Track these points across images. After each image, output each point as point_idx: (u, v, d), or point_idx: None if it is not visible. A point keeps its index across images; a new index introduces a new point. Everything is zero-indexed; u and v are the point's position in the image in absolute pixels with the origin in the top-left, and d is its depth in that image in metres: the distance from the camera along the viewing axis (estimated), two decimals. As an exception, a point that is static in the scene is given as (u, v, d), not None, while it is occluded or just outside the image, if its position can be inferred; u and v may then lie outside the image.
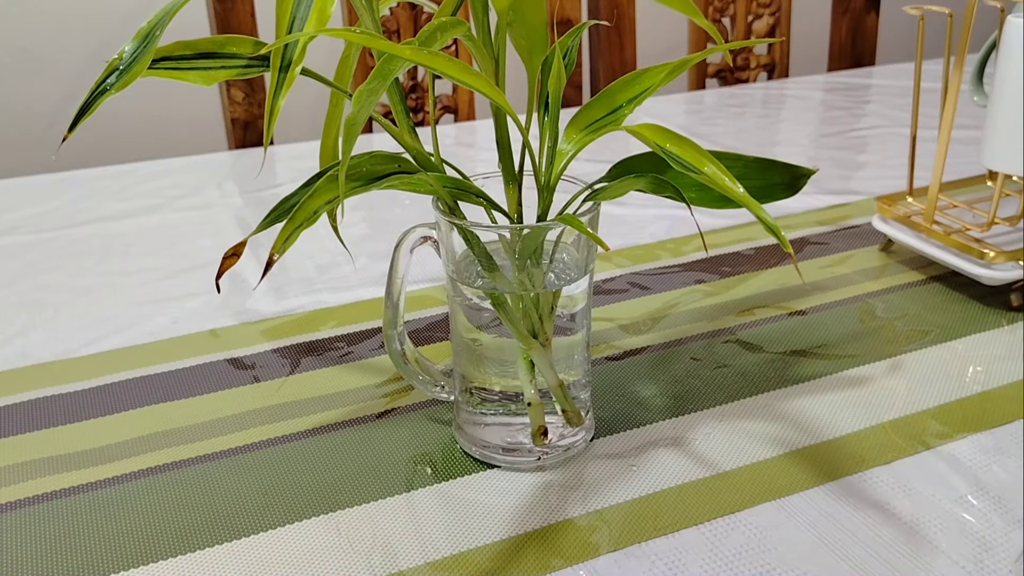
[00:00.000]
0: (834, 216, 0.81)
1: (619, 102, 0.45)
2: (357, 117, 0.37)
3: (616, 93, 0.45)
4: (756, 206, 0.39)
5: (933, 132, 0.88)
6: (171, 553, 0.46)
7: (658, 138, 0.40)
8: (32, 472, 0.52)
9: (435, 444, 0.53)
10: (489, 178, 0.49)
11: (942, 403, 0.56)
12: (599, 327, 0.65)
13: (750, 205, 0.39)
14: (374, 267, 0.74)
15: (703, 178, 0.39)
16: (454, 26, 0.41)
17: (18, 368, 0.62)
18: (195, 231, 0.82)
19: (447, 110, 1.20)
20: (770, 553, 0.45)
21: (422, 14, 1.16)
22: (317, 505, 0.49)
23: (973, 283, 0.67)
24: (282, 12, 0.40)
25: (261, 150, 1.03)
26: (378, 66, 0.38)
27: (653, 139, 0.40)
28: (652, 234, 0.79)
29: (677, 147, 0.40)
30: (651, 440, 0.53)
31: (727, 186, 0.39)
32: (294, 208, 0.41)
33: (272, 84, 0.39)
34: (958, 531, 0.46)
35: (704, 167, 0.39)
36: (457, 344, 0.51)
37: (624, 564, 0.45)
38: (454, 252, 0.49)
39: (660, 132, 0.41)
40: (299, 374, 0.60)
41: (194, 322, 0.67)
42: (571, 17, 1.17)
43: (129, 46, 0.40)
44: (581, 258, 0.49)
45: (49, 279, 0.74)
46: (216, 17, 1.06)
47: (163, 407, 0.57)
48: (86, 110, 0.40)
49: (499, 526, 0.47)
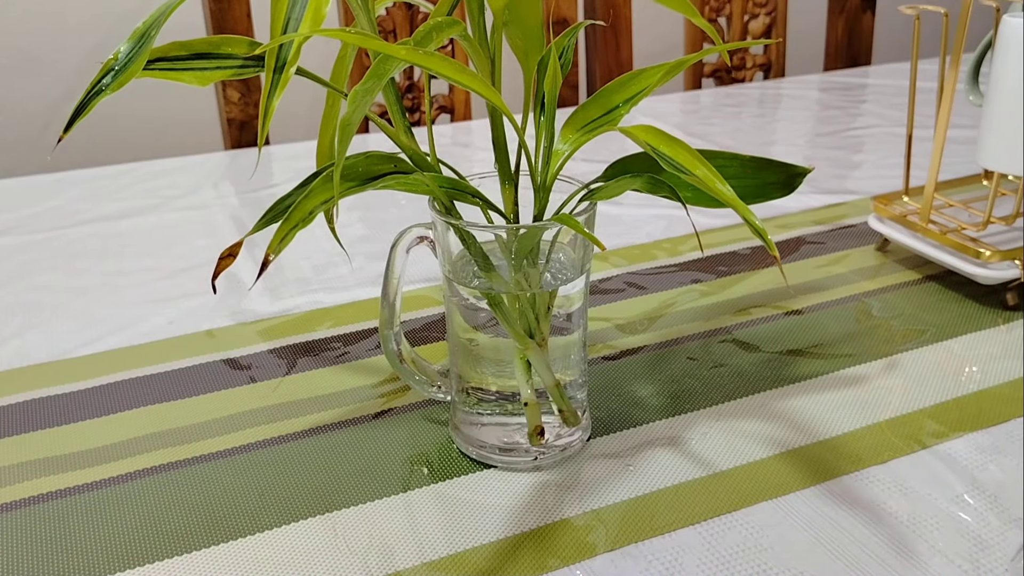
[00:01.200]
0: (830, 215, 0.81)
1: (615, 102, 0.45)
2: (352, 118, 0.37)
3: (612, 93, 0.45)
4: (744, 208, 0.39)
5: (929, 131, 0.88)
6: (167, 554, 0.46)
7: (651, 139, 0.40)
8: (29, 473, 0.52)
9: (432, 444, 0.53)
10: (485, 178, 0.49)
11: (938, 402, 0.56)
12: (596, 327, 0.65)
13: (738, 207, 0.39)
14: (370, 267, 0.74)
15: (694, 180, 0.39)
16: (450, 26, 0.41)
17: (14, 368, 0.62)
18: (191, 231, 0.82)
19: (443, 110, 1.20)
20: (767, 552, 0.45)
21: (418, 14, 1.15)
22: (314, 505, 0.49)
23: (969, 282, 0.67)
24: (277, 12, 0.40)
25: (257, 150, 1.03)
26: (373, 66, 0.38)
27: (646, 140, 0.41)
28: (648, 234, 0.79)
29: (669, 148, 0.40)
30: (648, 440, 0.53)
31: (717, 188, 0.39)
32: (290, 208, 0.41)
33: (266, 85, 0.39)
34: (954, 530, 0.46)
35: (696, 169, 0.39)
36: (453, 344, 0.51)
37: (621, 564, 0.45)
38: (450, 252, 0.49)
39: (653, 133, 0.41)
40: (295, 374, 0.60)
41: (190, 322, 0.67)
42: (567, 17, 1.17)
43: (124, 47, 0.40)
44: (577, 258, 0.49)
45: (46, 279, 0.74)
46: (212, 17, 1.06)
47: (159, 407, 0.57)
48: (82, 110, 0.40)
49: (496, 526, 0.47)
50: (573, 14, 1.18)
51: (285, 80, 0.39)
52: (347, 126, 0.37)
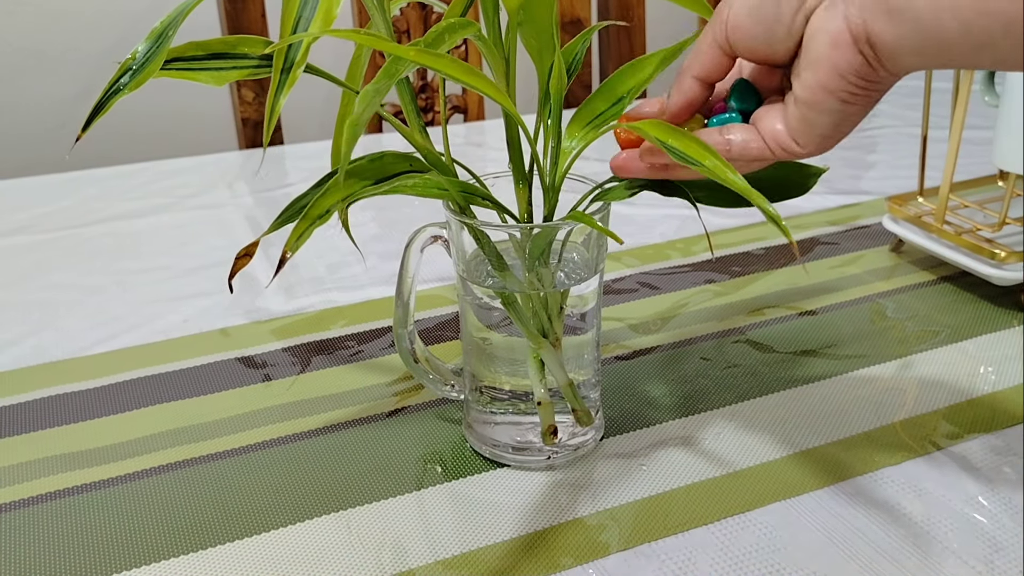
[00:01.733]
0: (844, 216, 0.81)
1: (620, 93, 0.45)
2: (360, 117, 0.37)
3: (616, 85, 0.45)
4: (758, 196, 0.38)
5: (944, 132, 0.88)
6: (182, 550, 0.46)
7: (660, 133, 0.41)
8: (44, 469, 0.52)
9: (445, 443, 0.53)
10: (500, 177, 0.49)
11: (952, 403, 0.55)
12: (609, 327, 0.65)
13: (752, 195, 0.39)
14: (384, 266, 0.74)
15: (704, 171, 0.39)
16: (464, 27, 0.41)
17: (30, 366, 0.62)
18: (206, 230, 0.82)
19: (456, 110, 1.20)
20: (780, 553, 0.45)
21: (432, 14, 1.16)
22: (327, 503, 0.49)
23: (984, 283, 0.67)
24: (288, 12, 0.41)
25: (272, 150, 1.03)
26: (385, 66, 0.38)
27: (655, 134, 0.41)
28: (662, 234, 0.79)
29: (678, 141, 0.40)
30: (661, 439, 0.53)
31: (729, 178, 0.39)
32: (306, 207, 0.41)
33: (273, 84, 0.39)
34: (968, 532, 0.46)
35: (706, 160, 0.39)
36: (467, 343, 0.52)
37: (634, 563, 0.45)
38: (464, 251, 0.49)
39: (662, 128, 0.41)
40: (309, 373, 0.60)
41: (205, 321, 0.67)
42: (581, 16, 1.17)
43: (142, 46, 0.41)
44: (591, 257, 0.49)
45: (61, 278, 0.75)
46: (227, 18, 1.06)
47: (174, 405, 0.57)
48: (100, 109, 0.40)
49: (509, 525, 0.47)
50: (587, 14, 1.18)
51: (291, 81, 0.39)
52: (355, 125, 0.36)
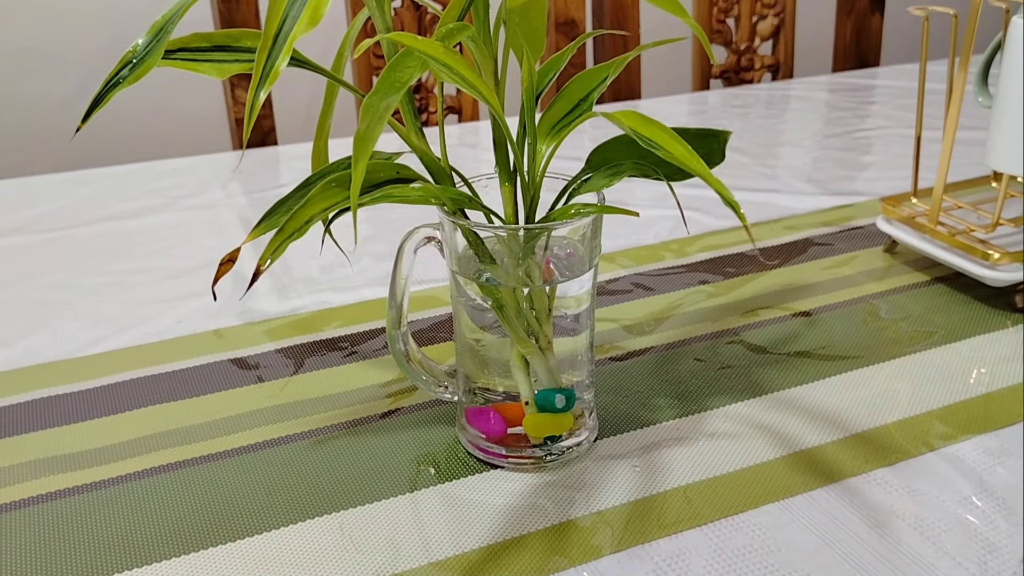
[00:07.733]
0: (838, 217, 0.81)
1: (575, 99, 0.47)
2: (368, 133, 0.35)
3: (573, 93, 0.47)
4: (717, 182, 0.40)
5: (938, 133, 0.88)
6: (175, 553, 0.46)
7: (633, 123, 0.42)
8: (36, 471, 0.52)
9: (439, 444, 0.53)
10: (493, 179, 0.49)
11: (946, 404, 0.56)
12: (603, 328, 0.65)
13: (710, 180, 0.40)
14: (377, 267, 0.74)
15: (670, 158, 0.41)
16: (461, 30, 0.41)
17: (23, 368, 0.62)
18: (200, 231, 0.82)
19: (451, 111, 1.20)
20: (773, 554, 0.45)
21: (426, 14, 1.16)
22: (320, 505, 0.49)
23: (977, 284, 0.67)
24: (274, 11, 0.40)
25: (266, 150, 1.03)
26: (391, 76, 0.37)
27: (628, 124, 0.42)
28: (656, 235, 0.79)
29: (649, 131, 0.42)
30: (654, 441, 0.53)
31: (695, 165, 0.41)
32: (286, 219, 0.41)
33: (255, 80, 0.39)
34: (962, 533, 0.46)
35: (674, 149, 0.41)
36: (461, 344, 0.51)
37: (627, 565, 0.45)
38: (457, 252, 0.49)
39: (635, 117, 0.42)
40: (303, 374, 0.60)
41: (198, 322, 0.67)
42: (575, 17, 1.17)
43: (143, 40, 0.41)
44: (585, 254, 0.49)
45: (54, 279, 0.74)
46: (220, 16, 1.06)
47: (167, 407, 0.57)
48: (100, 101, 0.40)
49: (502, 527, 0.47)
50: (581, 15, 1.18)
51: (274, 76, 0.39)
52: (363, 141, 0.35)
